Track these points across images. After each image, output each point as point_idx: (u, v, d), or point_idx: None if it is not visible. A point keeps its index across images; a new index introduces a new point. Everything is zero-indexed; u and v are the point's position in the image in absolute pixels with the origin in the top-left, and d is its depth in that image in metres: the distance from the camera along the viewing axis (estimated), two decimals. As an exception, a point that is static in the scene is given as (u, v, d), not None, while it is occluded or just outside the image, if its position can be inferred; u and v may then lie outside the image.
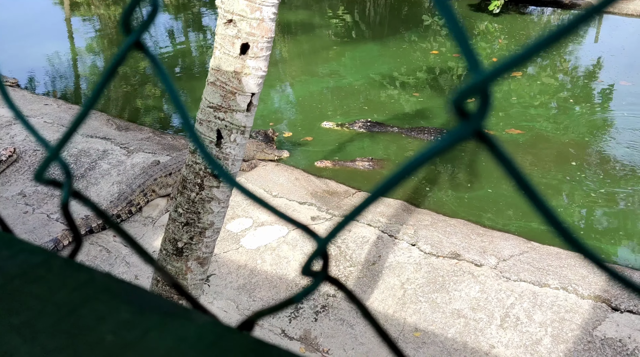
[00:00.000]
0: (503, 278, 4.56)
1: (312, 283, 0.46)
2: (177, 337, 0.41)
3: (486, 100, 0.36)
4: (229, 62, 2.35)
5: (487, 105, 0.36)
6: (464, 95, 0.36)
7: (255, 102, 2.47)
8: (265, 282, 4.86)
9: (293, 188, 5.99)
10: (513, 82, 8.70)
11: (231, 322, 4.54)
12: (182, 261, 2.53)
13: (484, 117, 0.36)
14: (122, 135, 7.04)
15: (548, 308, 4.26)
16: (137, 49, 0.51)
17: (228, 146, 2.43)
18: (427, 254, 4.90)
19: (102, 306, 0.44)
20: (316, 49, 10.70)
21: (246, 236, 5.30)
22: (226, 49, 2.35)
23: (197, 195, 2.46)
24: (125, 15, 0.50)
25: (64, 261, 0.47)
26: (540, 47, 0.34)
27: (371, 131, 7.43)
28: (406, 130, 7.41)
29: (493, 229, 5.37)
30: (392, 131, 7.42)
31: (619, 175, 6.26)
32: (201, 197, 2.46)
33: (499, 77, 0.36)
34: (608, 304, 4.21)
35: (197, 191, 2.46)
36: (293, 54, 10.76)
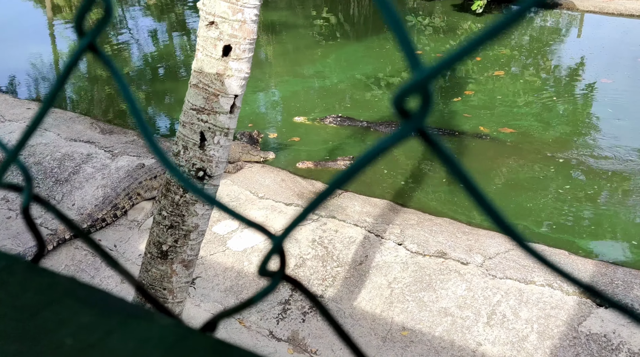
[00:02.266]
0: (489, 276, 4.59)
1: (270, 284, 0.46)
2: (138, 339, 0.41)
3: (427, 99, 0.36)
4: (212, 64, 2.34)
5: (428, 104, 0.36)
6: (404, 94, 0.36)
7: (239, 104, 2.46)
8: (252, 284, 4.84)
9: (279, 189, 5.98)
10: (497, 81, 8.76)
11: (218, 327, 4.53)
12: (167, 264, 2.51)
13: (425, 115, 0.36)
14: (106, 139, 6.98)
15: (534, 305, 4.28)
16: (91, 52, 0.51)
17: (212, 148, 2.42)
18: (414, 253, 4.92)
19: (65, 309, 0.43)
20: (300, 50, 10.69)
21: (233, 238, 5.28)
22: (208, 51, 2.34)
23: (181, 197, 2.44)
24: (78, 18, 0.49)
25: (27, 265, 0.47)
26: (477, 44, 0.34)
27: (342, 125, 7.57)
28: (375, 124, 7.56)
29: (479, 228, 5.40)
30: (362, 125, 7.56)
31: (604, 172, 6.32)
32: (185, 199, 2.45)
33: (438, 74, 0.36)
34: (593, 300, 4.24)
35: (181, 194, 2.44)
36: (277, 55, 10.74)
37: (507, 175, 6.36)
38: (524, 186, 6.12)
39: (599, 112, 7.82)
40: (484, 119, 7.59)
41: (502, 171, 6.43)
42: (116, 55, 10.96)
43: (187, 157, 2.42)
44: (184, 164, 2.42)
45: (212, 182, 2.47)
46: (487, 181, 6.23)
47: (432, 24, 11.94)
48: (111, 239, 5.43)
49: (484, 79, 8.91)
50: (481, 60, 9.71)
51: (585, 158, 6.63)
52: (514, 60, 9.82)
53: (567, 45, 10.75)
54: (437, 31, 11.47)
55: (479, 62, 9.65)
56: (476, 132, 7.23)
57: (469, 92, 8.42)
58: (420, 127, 0.36)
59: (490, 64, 9.51)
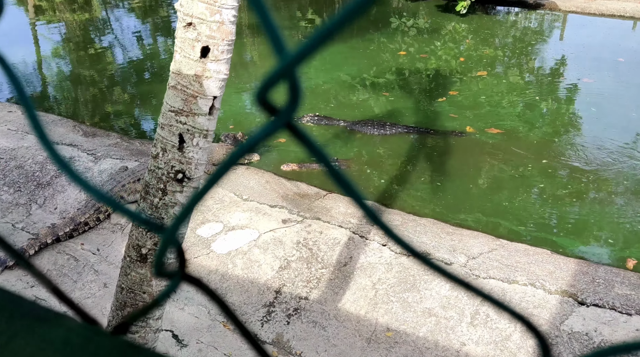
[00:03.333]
0: (473, 276, 4.60)
1: (170, 284, 0.45)
2: (43, 341, 0.42)
3: (295, 90, 0.35)
4: (190, 66, 2.33)
5: (296, 96, 0.35)
6: (269, 84, 0.35)
7: (218, 106, 2.44)
8: (236, 286, 4.82)
9: (264, 191, 5.96)
10: (480, 82, 8.81)
11: (202, 328, 4.50)
12: (146, 268, 2.49)
13: (294, 110, 0.35)
14: (89, 142, 6.92)
15: (517, 304, 4.31)
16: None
17: (191, 150, 2.40)
18: (398, 254, 4.92)
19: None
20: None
21: (217, 241, 5.26)
22: (186, 53, 2.32)
23: (160, 200, 2.43)
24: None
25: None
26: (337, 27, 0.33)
27: (319, 124, 7.63)
28: (352, 123, 7.60)
29: (462, 228, 5.42)
30: (339, 124, 7.61)
31: (587, 172, 6.37)
32: (164, 202, 2.43)
33: (304, 59, 0.35)
34: (575, 299, 4.27)
35: (160, 197, 2.42)
36: (263, 56, 10.72)
37: (492, 175, 6.39)
38: (508, 185, 6.16)
39: (582, 111, 7.89)
40: (470, 119, 7.63)
41: (487, 171, 6.46)
42: (100, 57, 10.89)
43: (166, 160, 2.41)
44: (163, 166, 2.40)
45: (192, 184, 2.45)
46: (471, 180, 6.26)
47: (416, 25, 11.98)
48: (94, 242, 5.39)
49: (468, 79, 8.96)
50: (465, 61, 9.76)
51: (569, 158, 6.68)
52: (498, 61, 9.88)
53: (550, 46, 10.84)
54: (421, 32, 11.52)
55: (463, 62, 9.70)
56: (462, 132, 7.27)
57: (454, 92, 8.46)
58: (289, 123, 0.36)
59: (473, 65, 9.56)
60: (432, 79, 9.11)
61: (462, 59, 9.84)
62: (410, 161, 6.75)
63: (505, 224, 5.54)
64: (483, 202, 5.89)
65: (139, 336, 2.50)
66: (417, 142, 7.18)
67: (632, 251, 5.16)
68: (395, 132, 7.33)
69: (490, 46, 10.58)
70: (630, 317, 4.06)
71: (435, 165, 6.66)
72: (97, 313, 4.56)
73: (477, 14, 12.47)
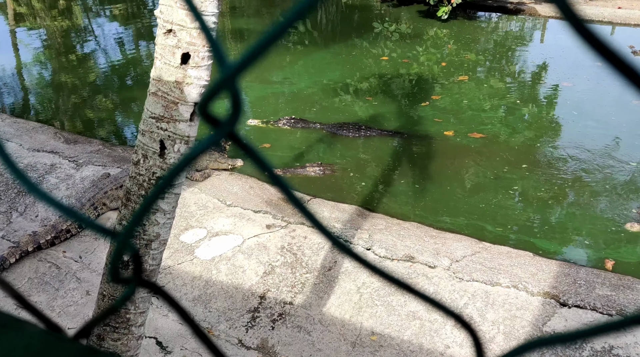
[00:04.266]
0: (456, 279, 4.63)
1: (126, 290, 0.46)
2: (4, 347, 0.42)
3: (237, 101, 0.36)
4: (170, 72, 2.32)
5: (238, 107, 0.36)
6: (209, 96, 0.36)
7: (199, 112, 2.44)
8: (221, 292, 4.80)
9: (247, 197, 5.95)
10: (463, 87, 8.88)
11: (186, 335, 4.47)
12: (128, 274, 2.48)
13: (236, 120, 0.35)
14: (70, 149, 6.86)
15: (500, 306, 4.34)
16: None
17: (172, 157, 2.39)
18: (382, 257, 4.94)
19: None
20: (269, 56, 10.68)
21: (200, 247, 5.23)
22: (167, 59, 2.32)
23: (141, 207, 2.41)
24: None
25: None
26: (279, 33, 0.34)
27: (295, 127, 7.69)
28: (328, 126, 7.67)
29: (446, 231, 5.45)
30: (315, 127, 7.68)
31: (568, 175, 6.44)
32: (146, 209, 2.42)
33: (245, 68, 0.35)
34: (557, 300, 4.31)
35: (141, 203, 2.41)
36: (246, 62, 10.69)
37: (475, 179, 6.44)
38: (491, 189, 6.21)
39: (562, 115, 7.99)
40: (453, 124, 7.69)
41: (469, 175, 6.51)
42: (81, 64, 10.81)
43: (147, 166, 2.40)
44: (144, 173, 2.39)
45: (173, 190, 2.44)
46: (454, 184, 6.30)
47: (398, 30, 12.06)
48: (76, 250, 5.33)
49: (450, 84, 9.03)
50: (447, 66, 9.83)
51: (549, 162, 6.75)
52: (479, 66, 9.97)
53: (530, 51, 10.97)
54: (404, 37, 11.59)
55: (445, 67, 9.78)
56: (445, 137, 7.32)
57: (436, 97, 8.52)
58: (232, 132, 0.36)
59: (455, 69, 9.64)
60: (415, 84, 9.16)
61: (444, 64, 9.91)
62: (393, 165, 6.78)
63: (488, 228, 5.59)
64: (466, 206, 5.93)
65: (121, 344, 2.48)
66: (398, 146, 7.22)
67: (608, 251, 5.23)
68: (371, 135, 7.42)
69: (471, 51, 10.67)
70: (612, 318, 4.11)
71: (418, 169, 6.69)
72: (80, 321, 4.51)
73: (458, 19, 12.58)
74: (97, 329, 2.52)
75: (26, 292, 4.84)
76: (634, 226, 5.41)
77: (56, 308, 4.68)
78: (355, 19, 13.35)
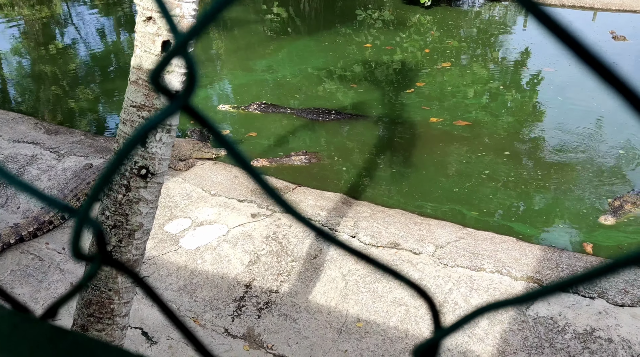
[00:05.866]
0: (441, 265, 4.67)
1: (91, 267, 0.46)
2: None
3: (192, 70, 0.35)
4: (150, 60, 2.30)
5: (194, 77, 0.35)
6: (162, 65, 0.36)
7: (180, 100, 2.42)
8: (206, 282, 4.79)
9: (232, 186, 5.93)
10: (446, 73, 8.90)
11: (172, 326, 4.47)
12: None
13: (191, 92, 0.35)
14: (51, 139, 6.78)
15: (484, 291, 4.38)
16: None
17: (154, 146, 2.37)
18: (367, 245, 4.96)
19: None
20: (252, 45, 10.62)
21: (185, 237, 5.22)
22: (147, 47, 2.29)
23: (123, 196, 2.40)
24: None
25: None
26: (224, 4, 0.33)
27: (266, 112, 7.76)
28: (298, 111, 7.76)
29: (430, 218, 5.49)
30: (285, 112, 7.77)
31: (552, 161, 6.50)
32: (128, 198, 2.40)
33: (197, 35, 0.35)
34: (539, 284, 4.36)
35: (123, 193, 2.39)
36: (229, 50, 10.64)
37: (459, 166, 6.48)
38: (475, 176, 6.25)
39: (545, 100, 8.04)
40: (438, 111, 7.70)
41: (454, 162, 6.54)
42: (62, 54, 10.66)
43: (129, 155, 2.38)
44: (125, 162, 2.37)
45: (156, 180, 2.42)
46: (440, 171, 6.33)
47: (381, 17, 12.03)
48: (59, 241, 5.29)
49: (434, 71, 9.04)
50: (430, 53, 9.84)
51: (532, 147, 6.81)
52: (463, 52, 9.99)
53: (513, 37, 11.01)
54: (387, 24, 11.57)
55: (428, 54, 9.79)
56: (430, 124, 7.34)
57: (421, 83, 8.53)
58: (186, 105, 0.36)
59: (437, 56, 9.66)
60: (399, 71, 9.16)
61: (427, 51, 9.92)
62: (378, 153, 6.79)
63: (472, 214, 5.63)
64: (450, 193, 5.97)
65: (105, 334, 2.47)
66: (383, 134, 7.23)
67: (587, 235, 5.30)
68: (341, 119, 7.50)
69: (454, 38, 10.69)
70: (593, 301, 4.17)
71: (403, 156, 6.71)
72: (64, 312, 4.48)
73: (441, 6, 12.58)
74: (81, 320, 2.51)
75: (8, 284, 4.80)
76: (607, 219, 5.44)
77: (40, 300, 4.64)
78: (338, 6, 13.29)
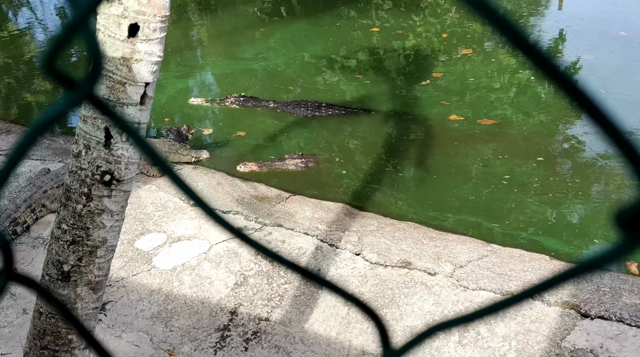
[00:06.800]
0: (460, 287, 4.66)
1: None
2: None
3: (95, 51, 0.35)
4: (116, 47, 2.30)
5: (98, 62, 0.35)
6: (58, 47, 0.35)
7: (151, 94, 2.43)
8: (184, 308, 4.79)
9: (215, 194, 5.94)
10: (467, 62, 8.92)
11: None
12: (69, 288, 2.46)
13: (96, 79, 0.35)
14: (2, 140, 6.80)
15: (511, 319, 4.37)
16: None
17: (119, 147, 2.38)
18: (374, 264, 4.96)
19: None
20: (240, 29, 10.66)
21: (159, 255, 5.22)
22: (111, 31, 2.30)
23: (84, 207, 2.40)
24: None
25: None
26: None
27: (245, 106, 7.86)
28: (282, 104, 7.82)
29: (448, 232, 5.49)
30: (268, 106, 7.85)
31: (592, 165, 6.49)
32: (89, 209, 2.40)
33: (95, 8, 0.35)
34: (577, 311, 4.36)
35: (84, 202, 2.39)
36: (212, 35, 10.68)
37: (483, 172, 6.47)
38: (501, 184, 6.25)
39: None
40: (457, 107, 7.71)
41: (477, 168, 6.54)
42: (16, 40, 10.70)
43: (90, 159, 2.38)
44: (87, 167, 2.38)
45: (122, 187, 2.43)
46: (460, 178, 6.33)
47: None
48: (11, 261, 5.28)
49: (453, 59, 9.06)
50: (447, 37, 9.87)
51: (570, 150, 6.81)
52: (486, 37, 10.02)
53: (546, 19, 11.03)
54: (398, 5, 11.60)
55: (445, 39, 9.82)
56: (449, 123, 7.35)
57: (438, 74, 8.55)
58: (89, 94, 0.36)
59: (457, 42, 9.68)
60: (412, 60, 9.19)
61: (445, 36, 9.95)
62: (386, 155, 6.80)
63: (497, 228, 5.62)
64: (472, 203, 5.96)
65: (62, 370, 2.47)
66: (393, 133, 7.23)
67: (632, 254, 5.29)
68: (333, 114, 7.52)
69: (477, 20, 10.71)
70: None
71: (416, 160, 6.72)
72: (16, 345, 4.48)
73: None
74: (34, 353, 2.51)
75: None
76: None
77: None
78: (341, -17, 13.34)
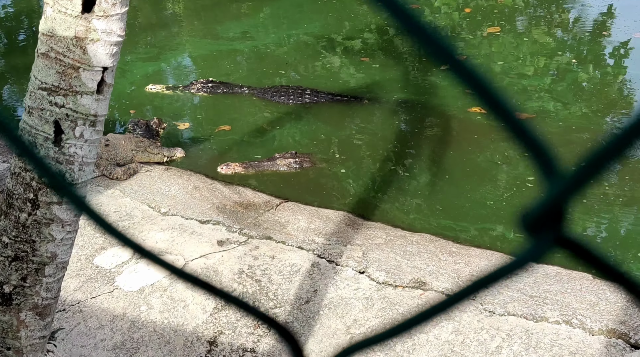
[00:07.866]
0: (485, 312, 4.67)
1: None
2: None
3: None
4: (67, 24, 2.31)
5: None
6: None
7: (110, 80, 2.44)
8: (153, 336, 4.80)
9: (191, 201, 5.95)
10: (494, 42, 8.94)
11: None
12: (11, 313, 2.47)
13: None
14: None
15: (546, 350, 4.38)
16: None
17: (72, 144, 2.39)
18: (381, 284, 4.97)
19: None
20: (223, 3, 10.68)
21: (124, 273, 5.23)
22: (62, 6, 2.31)
23: (29, 216, 2.41)
24: None
25: None
26: None
27: (214, 93, 8.00)
28: (259, 91, 7.98)
29: (470, 246, 5.50)
30: (242, 93, 7.99)
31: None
32: (36, 218, 2.41)
33: None
34: (625, 340, 4.36)
35: (29, 210, 2.40)
36: (189, 10, 10.70)
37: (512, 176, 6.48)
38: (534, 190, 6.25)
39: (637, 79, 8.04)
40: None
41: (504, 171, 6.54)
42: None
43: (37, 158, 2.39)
44: (33, 168, 2.39)
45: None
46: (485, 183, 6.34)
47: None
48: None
49: (477, 39, 9.07)
50: (471, 12, 9.88)
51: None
52: (517, 13, 10.03)
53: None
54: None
55: (469, 14, 9.83)
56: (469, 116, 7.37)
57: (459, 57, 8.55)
58: None
59: (482, 18, 9.70)
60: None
61: (467, 11, 9.96)
62: (395, 154, 6.81)
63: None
64: (499, 213, 5.97)
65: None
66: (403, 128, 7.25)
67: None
68: (318, 101, 7.59)
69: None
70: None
71: (431, 160, 6.73)
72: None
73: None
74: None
75: None
76: None
77: None
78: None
